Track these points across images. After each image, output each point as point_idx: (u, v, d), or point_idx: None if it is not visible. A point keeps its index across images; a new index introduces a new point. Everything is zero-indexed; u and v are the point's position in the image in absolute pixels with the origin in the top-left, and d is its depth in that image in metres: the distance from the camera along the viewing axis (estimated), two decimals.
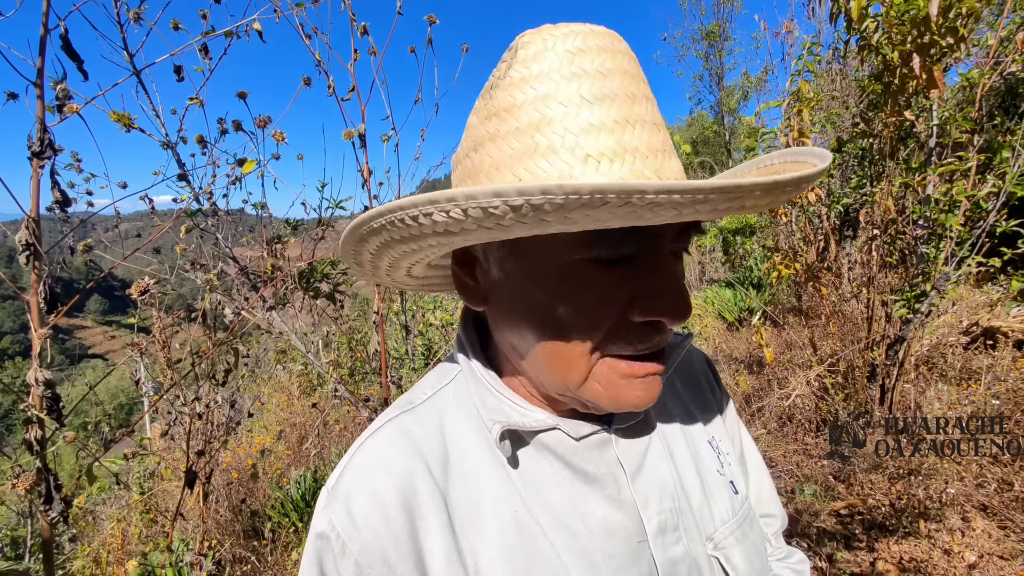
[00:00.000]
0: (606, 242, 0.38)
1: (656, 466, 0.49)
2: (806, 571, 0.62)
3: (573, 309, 0.40)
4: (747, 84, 13.68)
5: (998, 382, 3.06)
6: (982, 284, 4.80)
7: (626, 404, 0.42)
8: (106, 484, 4.08)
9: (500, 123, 0.39)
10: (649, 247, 0.40)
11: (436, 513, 0.42)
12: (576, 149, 0.36)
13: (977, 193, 2.36)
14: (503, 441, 0.44)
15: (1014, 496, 2.32)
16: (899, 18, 1.93)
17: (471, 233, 0.35)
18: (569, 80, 0.37)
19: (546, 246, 0.39)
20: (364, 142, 1.61)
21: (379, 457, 0.44)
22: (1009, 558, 2.04)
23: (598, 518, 0.44)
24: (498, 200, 0.30)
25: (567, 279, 0.40)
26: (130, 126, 1.59)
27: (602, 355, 0.41)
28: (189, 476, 1.28)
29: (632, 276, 0.40)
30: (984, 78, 2.32)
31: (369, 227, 0.39)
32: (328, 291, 2.13)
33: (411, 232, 0.37)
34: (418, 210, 0.34)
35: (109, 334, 72.08)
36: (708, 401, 0.60)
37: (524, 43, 0.40)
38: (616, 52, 0.40)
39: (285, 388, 5.10)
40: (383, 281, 0.52)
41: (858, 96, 2.91)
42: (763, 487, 0.63)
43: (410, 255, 0.43)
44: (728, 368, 4.68)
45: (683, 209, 0.32)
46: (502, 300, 0.44)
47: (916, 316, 2.69)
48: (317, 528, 0.42)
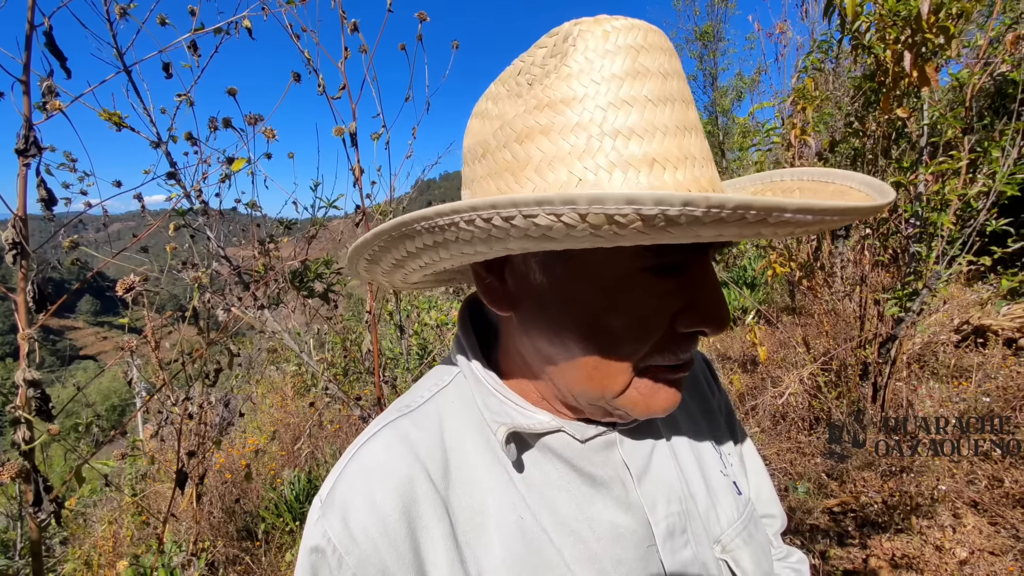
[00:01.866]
0: (662, 253, 0.37)
1: (662, 468, 0.47)
2: (805, 570, 0.62)
3: (628, 319, 0.38)
4: (741, 85, 13.74)
5: (988, 380, 3.09)
6: (973, 283, 4.85)
7: (657, 410, 0.41)
8: (97, 486, 4.05)
9: (555, 115, 0.36)
10: (697, 257, 0.39)
11: (438, 522, 0.40)
12: (646, 153, 0.34)
13: (968, 192, 2.38)
14: (508, 444, 0.42)
15: (1004, 493, 2.34)
16: (892, 16, 1.94)
17: (551, 241, 0.31)
18: (635, 78, 0.35)
19: (601, 253, 0.37)
20: (355, 140, 1.60)
21: (376, 464, 0.42)
22: (999, 553, 2.06)
23: (606, 522, 0.43)
24: (629, 208, 0.27)
25: (625, 288, 0.38)
26: (120, 124, 1.58)
27: (645, 365, 0.40)
28: (180, 477, 1.27)
29: (681, 286, 0.39)
30: (974, 78, 2.34)
31: (438, 223, 0.34)
32: (322, 291, 2.12)
33: (479, 235, 0.33)
34: (517, 210, 0.29)
35: (101, 335, 71.45)
36: (708, 401, 0.60)
37: (582, 32, 0.36)
38: (671, 52, 0.38)
39: (279, 388, 5.07)
40: (380, 279, 0.49)
41: (851, 96, 2.92)
42: (763, 487, 0.62)
43: (447, 260, 0.39)
44: (723, 367, 4.70)
45: (796, 228, 0.31)
46: (540, 305, 0.41)
47: (908, 314, 2.71)
48: (311, 542, 0.40)
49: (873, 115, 2.39)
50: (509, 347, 0.47)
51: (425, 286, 0.54)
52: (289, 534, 2.98)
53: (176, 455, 1.28)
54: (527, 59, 0.41)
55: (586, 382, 0.41)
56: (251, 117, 1.51)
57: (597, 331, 0.39)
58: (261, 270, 1.78)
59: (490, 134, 0.40)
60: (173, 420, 1.26)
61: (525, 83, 0.39)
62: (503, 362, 0.48)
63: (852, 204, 0.31)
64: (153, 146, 1.73)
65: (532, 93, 0.38)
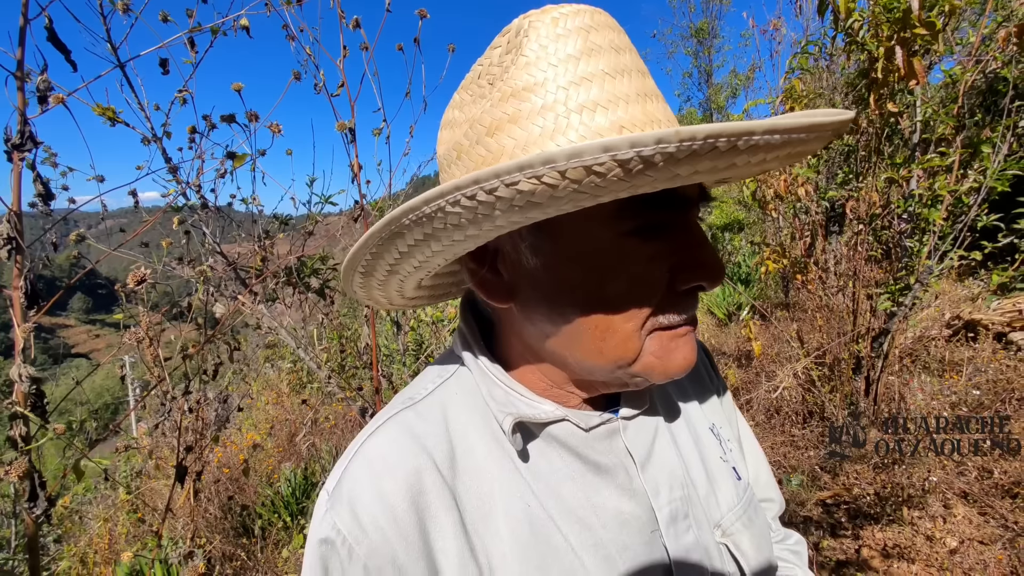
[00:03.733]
0: (643, 214, 0.38)
1: (664, 454, 0.48)
2: (804, 552, 0.63)
3: (625, 284, 0.39)
4: (736, 82, 13.79)
5: (978, 373, 3.14)
6: (964, 278, 4.90)
7: (676, 369, 0.41)
8: (91, 484, 4.03)
9: (521, 103, 0.37)
10: (681, 216, 0.40)
11: (446, 511, 0.41)
12: (613, 122, 0.36)
13: (959, 188, 2.41)
14: (515, 434, 0.43)
15: (994, 483, 2.39)
16: (885, 13, 1.96)
17: (537, 208, 0.32)
18: (589, 56, 0.37)
19: (585, 225, 0.38)
20: (354, 137, 1.60)
21: (382, 456, 0.42)
22: (989, 543, 2.09)
23: (611, 509, 0.44)
24: (606, 156, 0.27)
25: (615, 254, 0.39)
26: (115, 119, 1.57)
27: (652, 328, 0.40)
28: (179, 471, 1.27)
29: (670, 245, 0.40)
30: (966, 75, 2.37)
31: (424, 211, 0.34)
32: (318, 286, 2.11)
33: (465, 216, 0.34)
34: (499, 180, 0.30)
35: (93, 333, 70.87)
36: (707, 388, 0.60)
37: (532, 22, 0.38)
38: (619, 30, 0.40)
39: (274, 386, 5.06)
40: (376, 295, 0.49)
41: (844, 92, 2.95)
42: (761, 472, 0.63)
43: (440, 252, 0.40)
44: (719, 362, 4.74)
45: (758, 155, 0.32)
46: (538, 288, 0.42)
47: (900, 309, 2.74)
48: (320, 534, 0.40)
49: (865, 112, 2.41)
50: (510, 339, 0.48)
51: (421, 302, 0.54)
52: (285, 530, 2.98)
53: (175, 449, 1.28)
54: (484, 62, 0.42)
55: (598, 356, 0.41)
56: (251, 114, 1.51)
57: (598, 301, 0.39)
58: (258, 266, 1.78)
59: (461, 136, 0.41)
60: (173, 413, 1.26)
61: (487, 83, 0.41)
62: (504, 354, 0.49)
63: (816, 120, 0.32)
64: (146, 142, 1.72)
65: (495, 89, 0.39)
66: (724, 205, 9.44)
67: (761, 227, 5.78)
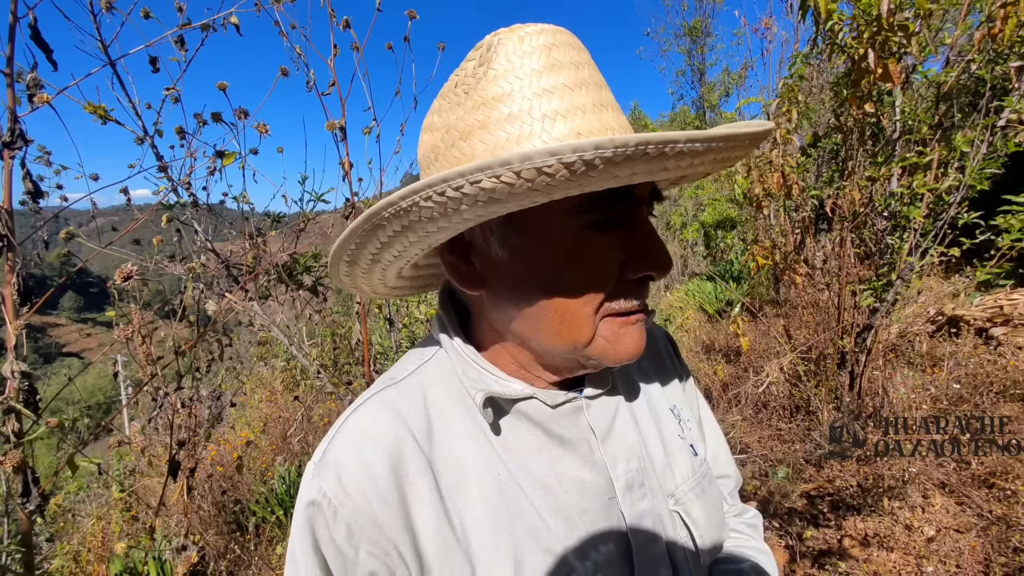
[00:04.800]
0: (599, 210, 0.42)
1: (623, 431, 0.53)
2: (759, 525, 0.67)
3: (582, 272, 0.43)
4: (728, 80, 13.86)
5: (959, 368, 3.21)
6: (950, 275, 4.99)
7: (625, 354, 0.46)
8: (84, 483, 4.01)
9: (491, 111, 0.42)
10: (633, 211, 0.45)
11: (423, 477, 0.45)
12: (571, 129, 0.41)
13: (939, 187, 2.46)
14: (486, 408, 0.47)
15: (971, 474, 2.45)
16: (864, 16, 2.01)
17: (498, 203, 0.37)
18: (551, 70, 0.42)
19: (547, 219, 0.43)
20: (345, 135, 1.62)
21: (365, 429, 0.46)
22: (964, 531, 2.15)
23: (573, 478, 0.48)
24: (553, 159, 0.33)
25: (573, 246, 0.43)
26: (106, 118, 1.58)
27: (605, 313, 0.45)
28: (172, 465, 1.29)
29: (623, 238, 0.44)
30: (941, 76, 2.42)
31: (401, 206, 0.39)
32: (311, 284, 2.13)
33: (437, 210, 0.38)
34: (465, 179, 0.35)
35: (84, 332, 70.13)
36: (669, 373, 0.65)
37: (501, 40, 0.43)
38: (579, 47, 0.45)
39: (268, 384, 5.06)
40: (361, 284, 0.54)
41: (830, 93, 2.99)
42: (719, 450, 0.68)
43: (416, 243, 0.44)
44: (708, 358, 4.79)
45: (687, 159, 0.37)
46: (505, 277, 0.46)
47: (883, 305, 2.80)
48: (307, 497, 0.44)
49: (848, 112, 2.46)
50: (482, 324, 0.52)
51: (403, 292, 0.58)
52: (279, 527, 3.00)
53: (168, 444, 1.30)
54: (460, 73, 0.47)
55: (556, 338, 0.45)
56: (240, 111, 1.52)
57: (557, 288, 0.44)
58: (250, 263, 1.80)
59: (439, 139, 0.47)
60: (166, 408, 1.28)
61: (462, 92, 0.45)
62: (478, 339, 0.53)
63: (734, 131, 0.37)
64: (138, 141, 1.73)
65: (469, 98, 0.44)
66: (717, 203, 9.50)
67: (753, 225, 5.83)
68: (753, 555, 0.59)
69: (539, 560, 0.45)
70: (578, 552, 0.46)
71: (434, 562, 0.43)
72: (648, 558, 0.49)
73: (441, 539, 0.44)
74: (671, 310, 7.12)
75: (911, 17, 2.01)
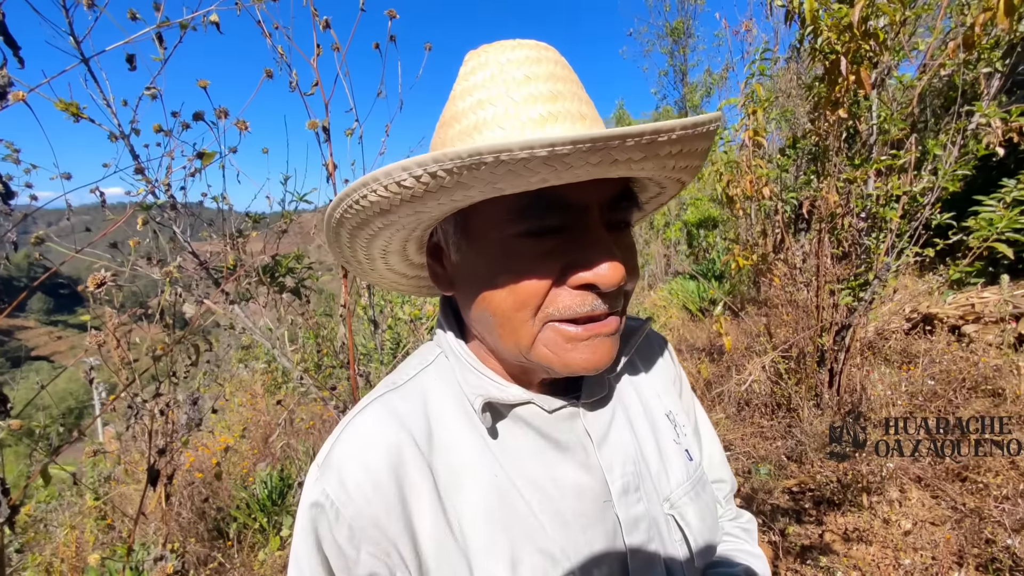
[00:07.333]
0: (533, 217, 0.43)
1: (619, 436, 0.54)
2: (754, 529, 0.69)
3: (511, 278, 0.44)
4: (710, 81, 14.06)
5: (933, 364, 3.31)
6: (925, 274, 5.14)
7: (575, 366, 0.45)
8: (55, 492, 3.88)
9: (447, 130, 0.46)
10: (577, 219, 0.44)
11: (423, 480, 0.46)
12: (509, 137, 0.43)
13: (914, 189, 2.53)
14: (484, 413, 0.48)
15: (945, 468, 2.53)
16: (835, 26, 2.06)
17: (419, 201, 0.41)
18: (528, 81, 0.45)
19: (487, 227, 0.45)
20: (328, 136, 1.59)
21: (367, 433, 0.47)
22: (939, 524, 2.22)
23: (569, 481, 0.49)
24: (405, 174, 0.37)
25: (504, 252, 0.44)
26: (79, 115, 1.52)
27: (546, 321, 0.45)
28: (152, 474, 1.25)
29: (564, 246, 0.44)
30: (917, 80, 2.49)
31: (339, 212, 0.44)
32: (293, 285, 2.09)
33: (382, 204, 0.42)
34: (391, 178, 0.39)
35: (54, 335, 67.94)
36: (666, 379, 0.66)
37: (487, 53, 0.47)
38: (557, 60, 0.47)
39: (248, 387, 4.96)
40: (369, 276, 0.57)
41: (806, 96, 3.06)
42: (714, 455, 0.69)
43: (375, 236, 0.48)
44: (691, 356, 4.86)
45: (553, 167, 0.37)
46: (462, 280, 0.49)
47: (860, 303, 2.87)
48: (311, 498, 0.45)
49: (823, 115, 2.51)
50: (466, 325, 0.54)
51: (407, 288, 0.62)
52: (261, 533, 2.95)
53: (147, 452, 1.26)
54: (458, 80, 0.50)
55: (502, 339, 0.47)
56: (221, 111, 1.49)
57: (493, 292, 0.45)
58: (231, 265, 1.76)
59: (436, 138, 0.50)
60: (143, 416, 1.25)
61: (457, 96, 0.49)
62: (469, 339, 0.54)
63: (672, 124, 0.37)
64: (113, 139, 1.67)
65: (461, 101, 0.47)
66: (699, 203, 9.64)
67: (735, 224, 5.93)
68: (747, 559, 0.60)
69: (535, 561, 0.46)
70: (573, 554, 0.47)
71: (433, 562, 0.45)
72: (643, 561, 0.50)
73: (440, 540, 0.45)
74: (654, 309, 7.19)
75: (883, 25, 2.06)
